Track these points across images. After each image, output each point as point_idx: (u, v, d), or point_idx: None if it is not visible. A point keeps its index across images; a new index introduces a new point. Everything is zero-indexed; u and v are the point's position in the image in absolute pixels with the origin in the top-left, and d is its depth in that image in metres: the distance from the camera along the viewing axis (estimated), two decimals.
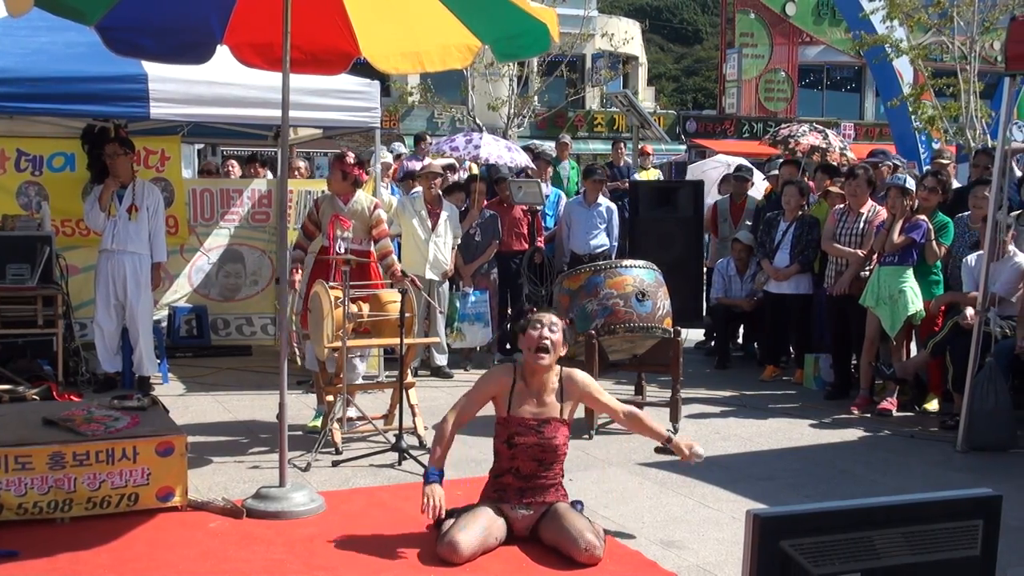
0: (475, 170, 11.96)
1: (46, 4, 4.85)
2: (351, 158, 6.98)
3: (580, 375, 4.88)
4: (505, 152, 11.65)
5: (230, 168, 12.02)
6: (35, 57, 6.90)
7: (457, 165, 12.02)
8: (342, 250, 6.67)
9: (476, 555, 4.42)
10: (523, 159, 11.77)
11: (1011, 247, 7.24)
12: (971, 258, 7.62)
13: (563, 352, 4.81)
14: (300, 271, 6.93)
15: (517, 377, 4.75)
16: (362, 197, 7.05)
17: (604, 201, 10.45)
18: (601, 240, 10.24)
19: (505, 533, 4.63)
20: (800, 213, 8.95)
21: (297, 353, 7.44)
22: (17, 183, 9.09)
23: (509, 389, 4.73)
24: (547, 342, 4.65)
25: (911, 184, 7.72)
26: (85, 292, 9.07)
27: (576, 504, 4.75)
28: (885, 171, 9.33)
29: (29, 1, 4.26)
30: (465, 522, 4.49)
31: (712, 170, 13.91)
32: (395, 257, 7.19)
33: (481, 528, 4.49)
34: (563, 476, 4.82)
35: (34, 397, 6.95)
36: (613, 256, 10.26)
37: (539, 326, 4.67)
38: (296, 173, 10.59)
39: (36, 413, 5.40)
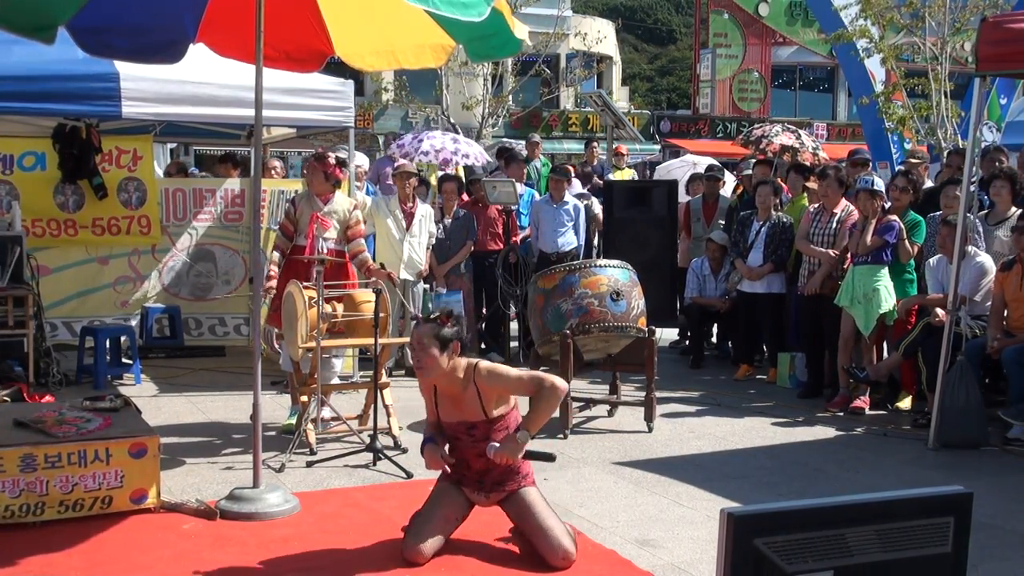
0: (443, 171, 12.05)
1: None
2: (332, 159, 6.95)
3: (483, 367, 4.51)
4: (450, 143, 11.84)
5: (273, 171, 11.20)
6: (4, 55, 6.84)
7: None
8: (324, 250, 6.68)
9: (438, 548, 4.45)
10: (475, 151, 11.94)
11: (971, 248, 7.30)
12: (932, 260, 7.68)
13: (449, 356, 4.46)
14: (276, 276, 6.86)
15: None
16: (340, 197, 7.05)
17: (571, 199, 10.47)
18: (569, 238, 10.25)
19: (467, 510, 4.66)
20: (773, 213, 8.99)
21: (276, 347, 7.40)
22: None
23: (433, 393, 4.62)
24: (417, 365, 4.53)
25: (880, 185, 7.77)
26: (56, 293, 9.02)
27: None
28: (868, 171, 9.38)
29: None
30: (418, 523, 4.51)
31: (677, 170, 13.94)
32: (368, 254, 7.18)
33: (436, 524, 4.50)
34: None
35: (5, 399, 6.90)
36: (581, 255, 10.29)
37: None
38: (272, 173, 10.49)
39: (7, 415, 5.35)
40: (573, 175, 12.17)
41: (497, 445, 4.45)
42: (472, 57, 5.89)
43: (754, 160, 11.88)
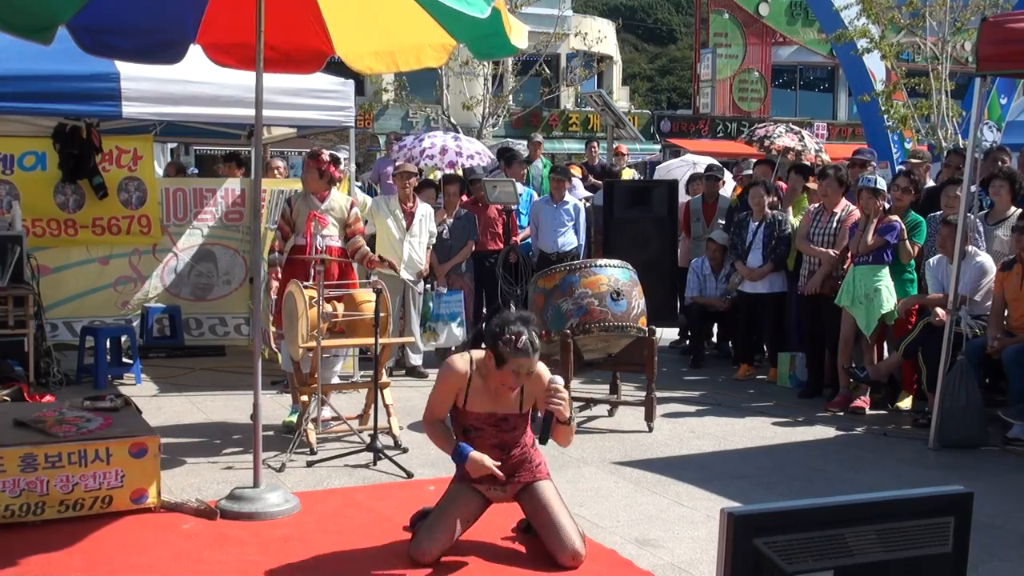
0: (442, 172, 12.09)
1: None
2: (326, 156, 6.95)
3: (545, 372, 4.61)
4: (451, 142, 11.95)
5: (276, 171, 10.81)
6: (4, 55, 6.84)
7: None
8: (324, 248, 6.68)
9: (446, 550, 4.42)
10: (477, 147, 12.02)
11: (971, 247, 7.30)
12: (933, 260, 7.68)
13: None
14: (278, 276, 6.89)
15: (474, 372, 4.55)
16: (337, 195, 7.06)
17: (571, 199, 10.49)
18: (569, 238, 10.27)
19: (482, 510, 4.62)
20: (768, 211, 8.98)
21: (273, 346, 7.41)
22: None
23: (466, 384, 4.55)
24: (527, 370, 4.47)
25: (882, 184, 7.77)
26: (57, 293, 9.02)
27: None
28: (871, 170, 9.37)
29: None
30: (432, 523, 4.48)
31: (677, 169, 13.94)
32: (367, 248, 7.18)
33: (450, 525, 4.46)
34: (532, 445, 4.68)
35: (5, 398, 6.90)
36: (581, 255, 10.30)
37: (526, 359, 4.40)
38: (276, 173, 10.48)
39: (7, 415, 5.35)
40: (579, 176, 12.18)
41: (561, 383, 4.50)
42: (476, 55, 5.90)
43: (754, 160, 11.87)
